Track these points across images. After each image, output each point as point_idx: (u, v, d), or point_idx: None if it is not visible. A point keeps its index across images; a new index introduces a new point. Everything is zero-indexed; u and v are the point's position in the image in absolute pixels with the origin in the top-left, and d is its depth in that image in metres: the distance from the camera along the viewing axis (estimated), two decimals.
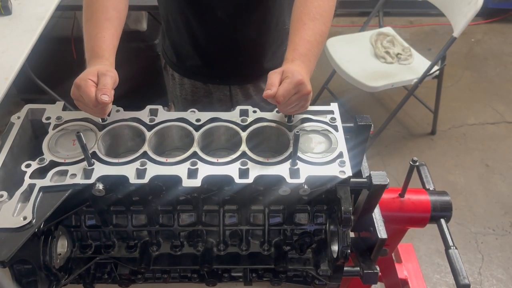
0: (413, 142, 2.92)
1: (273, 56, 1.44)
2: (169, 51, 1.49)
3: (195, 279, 1.06)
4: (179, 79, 1.51)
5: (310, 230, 0.99)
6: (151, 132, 0.93)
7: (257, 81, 1.48)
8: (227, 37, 1.36)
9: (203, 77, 1.48)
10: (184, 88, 1.51)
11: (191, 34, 1.37)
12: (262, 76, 1.46)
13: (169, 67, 1.53)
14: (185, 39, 1.39)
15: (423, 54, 2.73)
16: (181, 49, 1.44)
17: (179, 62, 1.48)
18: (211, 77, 1.47)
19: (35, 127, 0.99)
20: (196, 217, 0.98)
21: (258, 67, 1.43)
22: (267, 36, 1.38)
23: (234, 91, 1.48)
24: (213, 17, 1.30)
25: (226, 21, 1.30)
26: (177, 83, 1.52)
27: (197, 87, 1.50)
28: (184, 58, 1.46)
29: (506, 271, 2.25)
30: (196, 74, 1.48)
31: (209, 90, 1.49)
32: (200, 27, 1.35)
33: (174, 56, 1.48)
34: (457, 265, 1.03)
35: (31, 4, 2.05)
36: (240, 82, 1.47)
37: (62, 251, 0.94)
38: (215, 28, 1.34)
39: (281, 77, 0.92)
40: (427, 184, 1.21)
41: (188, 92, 1.52)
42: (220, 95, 1.49)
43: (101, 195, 0.85)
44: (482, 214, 2.50)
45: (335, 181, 0.86)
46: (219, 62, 1.42)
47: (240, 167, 0.86)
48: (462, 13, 2.30)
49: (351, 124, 0.99)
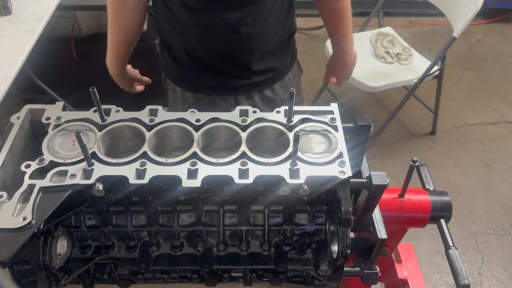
0: (413, 142, 2.92)
1: (275, 63, 1.44)
2: (170, 66, 1.47)
3: (195, 279, 1.06)
4: (181, 93, 1.49)
5: (310, 231, 0.99)
6: (151, 132, 0.93)
7: (262, 88, 1.47)
8: (230, 50, 1.36)
9: (207, 89, 1.47)
10: (186, 101, 1.50)
11: (193, 52, 1.37)
12: (266, 83, 1.46)
13: (169, 81, 1.52)
14: (186, 56, 1.39)
15: (423, 54, 2.73)
16: (182, 64, 1.43)
17: (181, 76, 1.47)
18: (216, 88, 1.46)
19: (35, 127, 0.99)
20: (196, 218, 0.98)
21: (262, 75, 1.43)
22: (269, 46, 1.38)
23: (239, 99, 1.48)
24: (214, 35, 1.30)
25: (227, 37, 1.31)
26: (178, 96, 1.50)
27: (201, 99, 1.48)
28: (187, 72, 1.45)
29: (506, 271, 2.25)
30: (200, 86, 1.47)
31: (213, 101, 1.47)
32: (201, 45, 1.35)
33: (176, 71, 1.46)
34: (457, 265, 1.03)
35: (31, 4, 2.05)
36: (246, 91, 1.47)
37: (61, 252, 0.94)
38: (217, 45, 1.34)
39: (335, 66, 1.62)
40: (427, 184, 1.21)
41: (191, 105, 1.49)
42: (226, 104, 1.48)
43: (101, 195, 0.85)
44: (482, 214, 2.50)
45: (335, 182, 0.86)
46: (224, 73, 1.41)
47: (240, 168, 0.86)
48: (462, 13, 2.30)
49: (351, 124, 0.99)
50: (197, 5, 1.27)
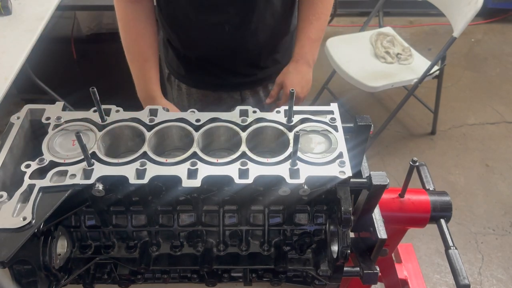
0: (413, 142, 2.92)
1: (279, 57, 1.44)
2: (175, 63, 1.47)
3: (195, 279, 1.06)
4: (187, 90, 1.49)
5: (310, 231, 0.99)
6: (151, 132, 0.93)
7: (267, 83, 1.48)
8: (237, 47, 1.36)
9: (214, 86, 1.47)
10: (192, 98, 1.50)
11: (199, 50, 1.37)
12: (270, 77, 1.47)
13: (174, 78, 1.52)
14: (192, 55, 1.39)
15: (423, 54, 2.73)
16: (189, 63, 1.43)
17: (187, 74, 1.47)
18: (222, 85, 1.46)
19: (35, 127, 0.99)
20: (196, 218, 0.98)
21: (267, 70, 1.44)
22: (273, 40, 1.38)
23: (245, 94, 1.48)
24: (221, 32, 1.30)
25: (235, 34, 1.31)
26: (184, 93, 1.50)
27: (207, 95, 1.48)
28: (194, 70, 1.45)
29: (506, 271, 2.25)
30: (207, 84, 1.47)
31: (220, 97, 1.48)
32: (208, 43, 1.35)
33: (182, 69, 1.46)
34: (457, 265, 1.03)
35: (31, 4, 2.05)
36: (252, 86, 1.47)
37: (61, 252, 0.94)
38: (224, 42, 1.34)
39: (279, 89, 1.33)
40: (427, 184, 1.21)
41: (197, 101, 1.50)
42: (231, 100, 1.48)
43: (101, 195, 0.85)
44: (482, 214, 2.50)
45: (335, 182, 0.86)
46: (231, 70, 1.42)
47: (240, 168, 0.86)
48: (462, 13, 2.30)
49: (351, 124, 0.99)
50: (204, 3, 1.27)
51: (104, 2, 2.29)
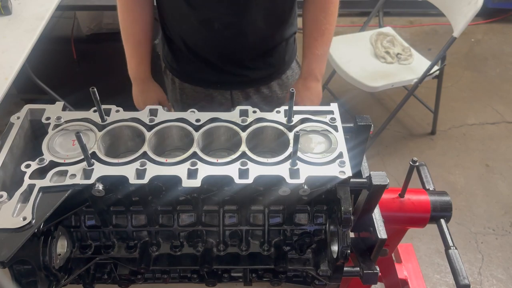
0: (413, 142, 2.92)
1: (273, 62, 1.44)
2: (169, 57, 1.49)
3: (195, 279, 1.06)
4: (179, 84, 1.51)
5: (310, 231, 0.99)
6: (151, 132, 0.93)
7: (258, 85, 1.48)
8: (226, 46, 1.36)
9: (204, 82, 1.48)
10: (184, 92, 1.51)
11: (190, 44, 1.38)
12: (263, 80, 1.47)
13: (169, 71, 1.53)
14: (184, 48, 1.40)
15: (423, 54, 2.73)
16: (181, 56, 1.44)
17: (179, 68, 1.48)
18: (212, 82, 1.47)
19: (35, 127, 0.99)
20: (196, 218, 0.98)
21: (259, 72, 1.44)
22: (265, 44, 1.39)
23: (235, 94, 1.48)
24: (210, 30, 1.31)
25: (224, 32, 1.31)
26: (177, 87, 1.52)
27: (198, 91, 1.49)
28: (185, 64, 1.46)
29: (506, 271, 2.25)
30: (197, 79, 1.48)
31: (210, 94, 1.49)
32: (199, 39, 1.36)
33: (175, 62, 1.48)
34: (457, 265, 1.03)
35: (31, 4, 2.05)
36: (242, 87, 1.47)
37: (61, 252, 0.94)
38: (213, 39, 1.34)
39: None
40: (427, 184, 1.21)
41: (189, 96, 1.51)
42: (222, 98, 1.49)
43: (101, 195, 0.85)
44: (482, 214, 2.50)
45: (335, 182, 0.86)
46: (219, 68, 1.42)
47: (240, 168, 0.86)
48: (462, 13, 2.30)
49: (351, 124, 0.99)
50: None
51: (104, 2, 2.29)
